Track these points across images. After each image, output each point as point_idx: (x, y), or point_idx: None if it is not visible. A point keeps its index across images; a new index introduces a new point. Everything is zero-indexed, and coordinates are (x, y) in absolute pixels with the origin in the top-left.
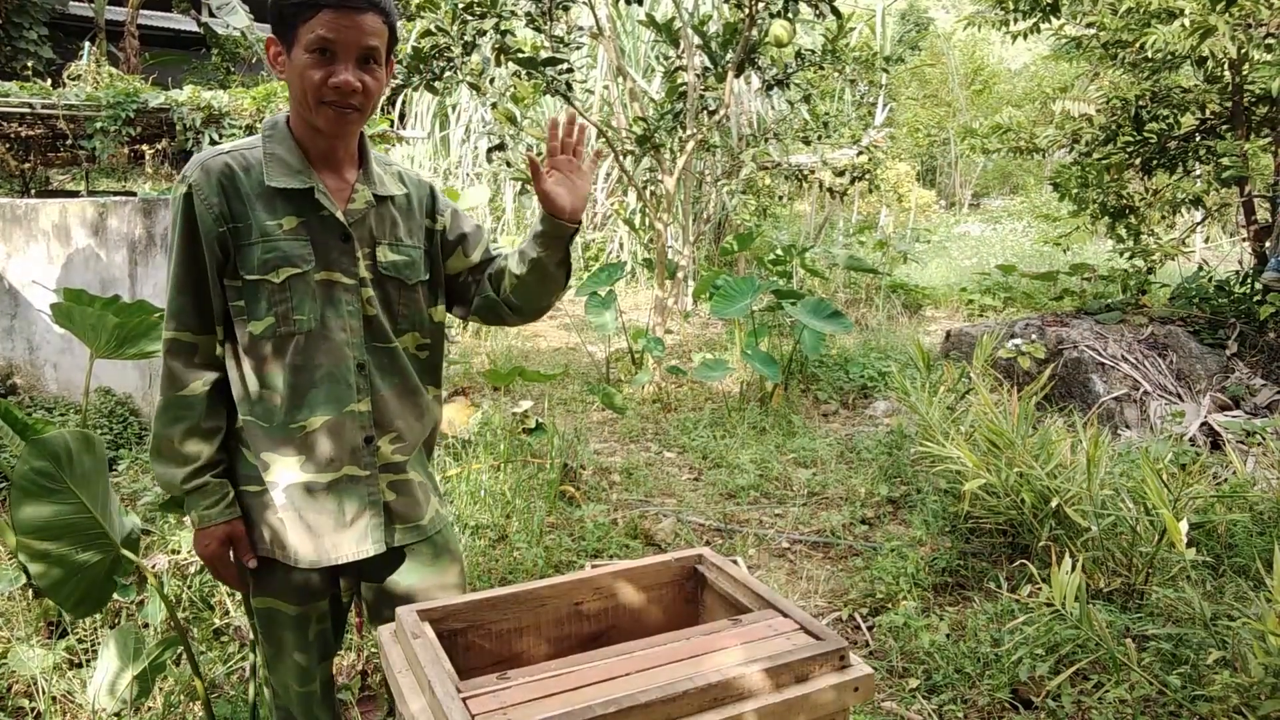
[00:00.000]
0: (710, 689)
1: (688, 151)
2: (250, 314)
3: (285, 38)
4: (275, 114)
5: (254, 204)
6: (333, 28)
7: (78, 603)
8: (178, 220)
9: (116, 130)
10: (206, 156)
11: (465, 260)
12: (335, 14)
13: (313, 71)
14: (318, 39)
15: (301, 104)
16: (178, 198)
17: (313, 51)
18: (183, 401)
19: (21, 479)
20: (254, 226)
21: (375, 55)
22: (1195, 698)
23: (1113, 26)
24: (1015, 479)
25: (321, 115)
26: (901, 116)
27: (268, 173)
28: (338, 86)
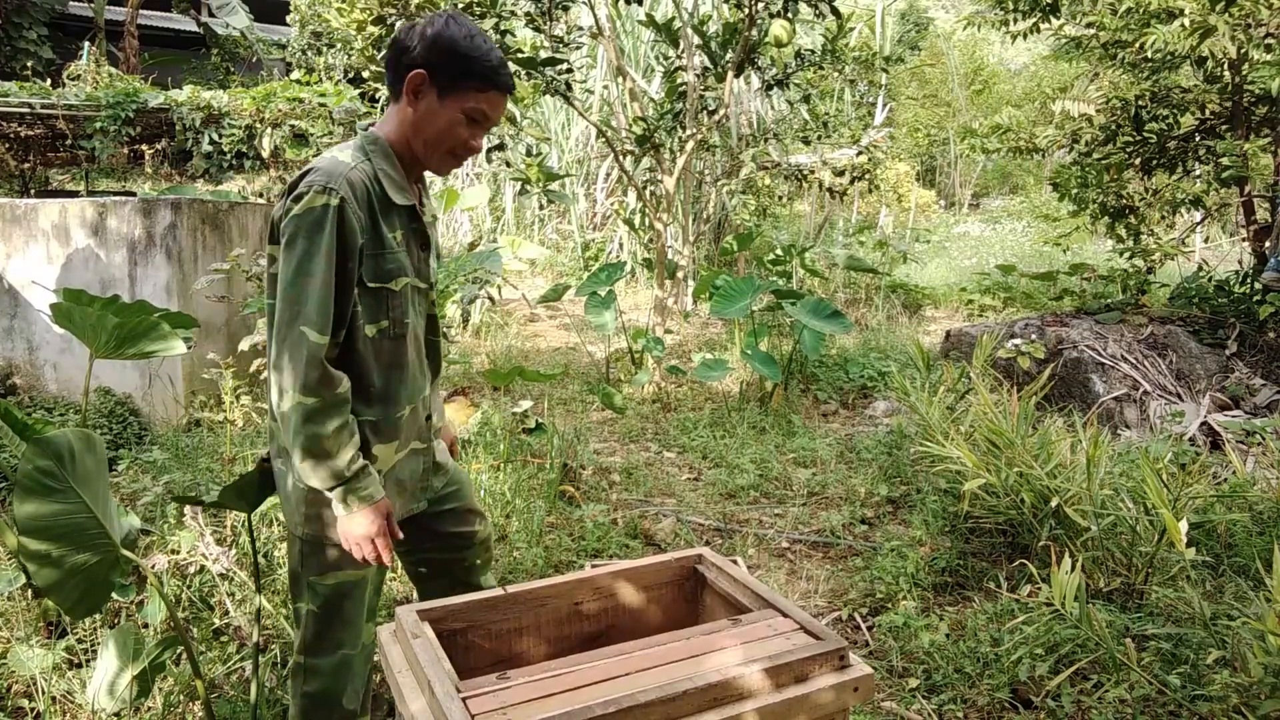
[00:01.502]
0: (710, 689)
1: (687, 151)
2: (369, 318)
3: (447, 87)
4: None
5: (379, 216)
6: (494, 106)
7: (77, 603)
8: (327, 231)
9: (116, 130)
10: (343, 171)
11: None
12: (500, 96)
13: (461, 130)
14: (479, 111)
15: (430, 144)
16: (327, 207)
17: (470, 117)
18: (339, 399)
19: (25, 478)
20: (381, 238)
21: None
22: (1195, 697)
23: (1112, 26)
24: (1015, 479)
25: (443, 162)
26: (901, 116)
27: (387, 188)
28: (470, 149)
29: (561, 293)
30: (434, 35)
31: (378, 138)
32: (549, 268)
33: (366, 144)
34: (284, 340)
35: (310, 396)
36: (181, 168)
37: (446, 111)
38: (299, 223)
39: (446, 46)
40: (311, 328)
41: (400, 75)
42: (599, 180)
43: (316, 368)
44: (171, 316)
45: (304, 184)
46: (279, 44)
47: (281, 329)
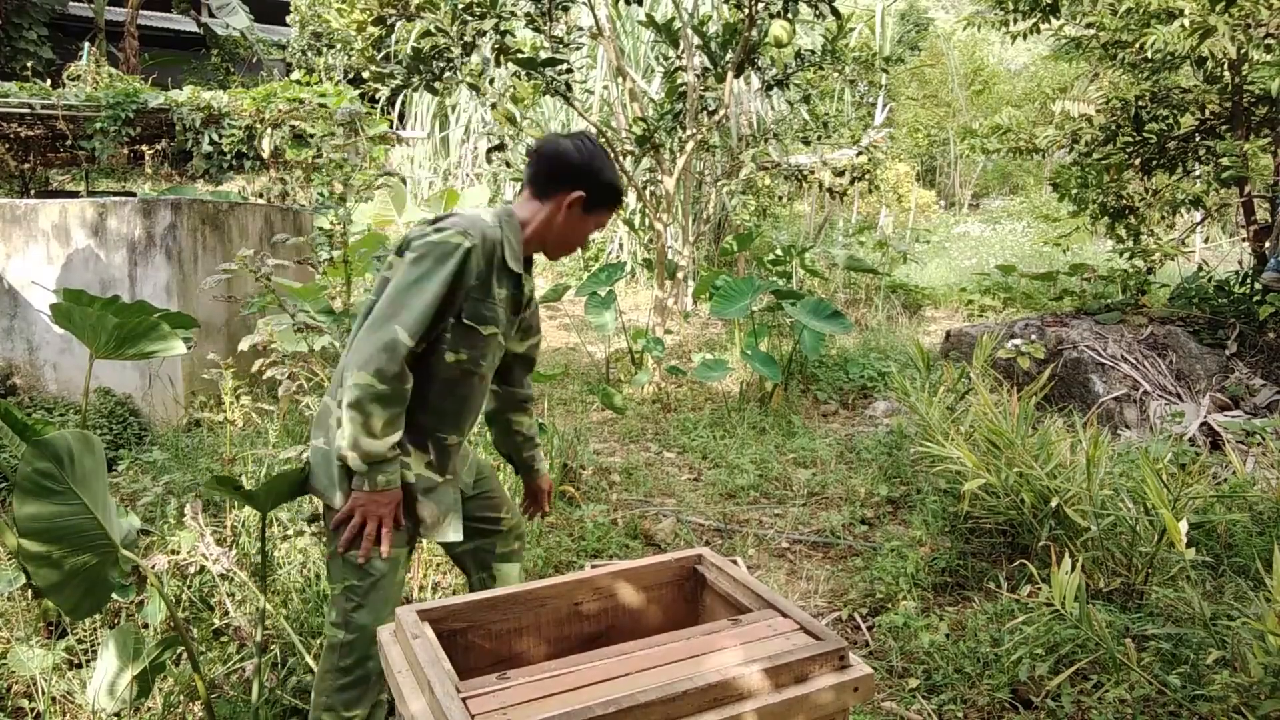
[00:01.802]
0: (710, 689)
1: (687, 152)
2: (452, 347)
3: (593, 206)
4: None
5: (494, 272)
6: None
7: (77, 604)
8: (450, 264)
9: (116, 130)
10: (481, 226)
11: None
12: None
13: (586, 231)
14: (600, 223)
15: (561, 238)
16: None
17: (597, 223)
18: (401, 393)
19: (24, 480)
20: (489, 289)
21: None
22: (1195, 697)
23: (1112, 27)
24: (1015, 479)
25: (561, 250)
26: (901, 117)
27: (507, 255)
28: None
29: (561, 293)
30: (597, 167)
31: (514, 216)
32: (549, 268)
33: (504, 217)
34: (377, 331)
35: (381, 382)
36: (181, 168)
37: (587, 224)
38: (431, 248)
39: (605, 181)
40: (405, 329)
41: (555, 184)
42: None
43: (396, 362)
44: (171, 317)
45: (448, 223)
46: (279, 44)
47: (378, 322)
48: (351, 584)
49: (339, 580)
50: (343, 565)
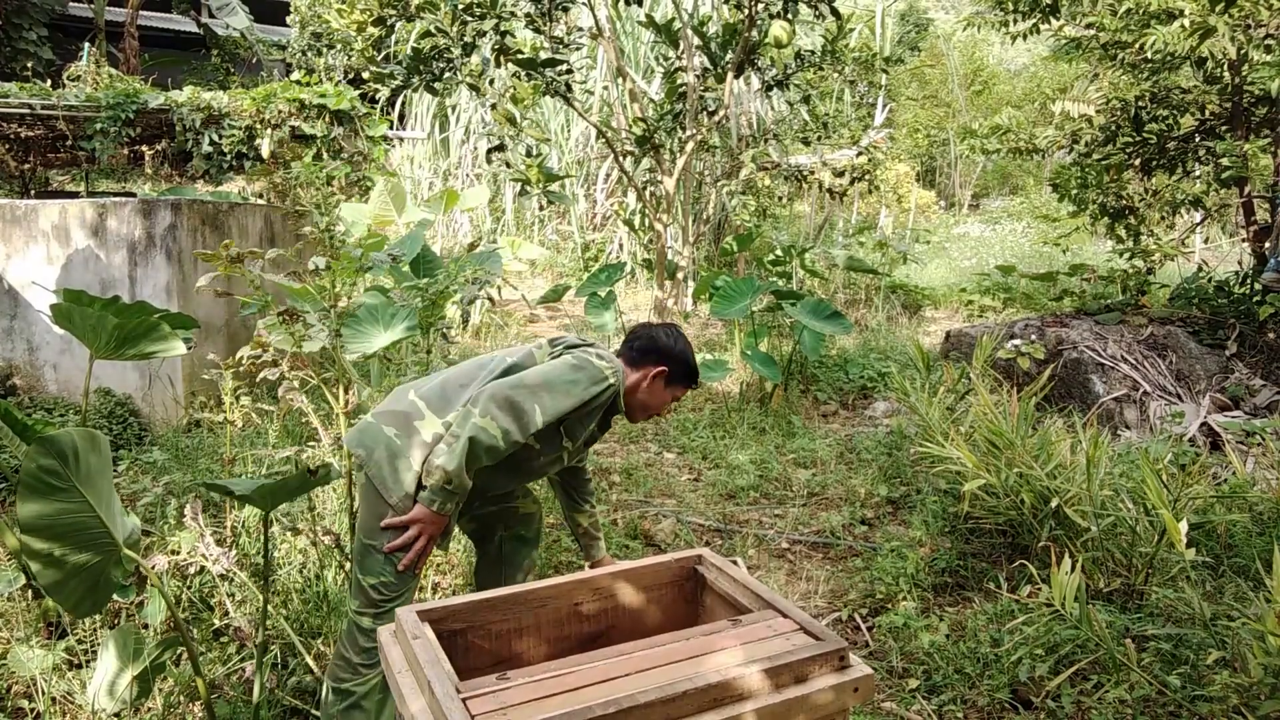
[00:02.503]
0: (710, 689)
1: (687, 152)
2: (538, 440)
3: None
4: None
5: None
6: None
7: (79, 602)
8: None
9: (116, 131)
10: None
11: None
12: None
13: (665, 400)
14: (677, 399)
15: (643, 406)
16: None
17: (675, 397)
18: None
19: (28, 477)
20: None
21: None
22: (1195, 698)
23: (1112, 27)
24: (1015, 479)
25: (642, 415)
26: (901, 117)
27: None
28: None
29: (561, 293)
30: (679, 351)
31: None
32: (549, 268)
33: (618, 379)
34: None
35: (503, 441)
36: (181, 168)
37: (666, 395)
38: (592, 368)
39: (683, 361)
40: (541, 415)
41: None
42: (599, 181)
43: (522, 434)
44: (171, 317)
45: (609, 358)
46: (279, 45)
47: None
48: (387, 580)
49: (375, 574)
50: (383, 561)
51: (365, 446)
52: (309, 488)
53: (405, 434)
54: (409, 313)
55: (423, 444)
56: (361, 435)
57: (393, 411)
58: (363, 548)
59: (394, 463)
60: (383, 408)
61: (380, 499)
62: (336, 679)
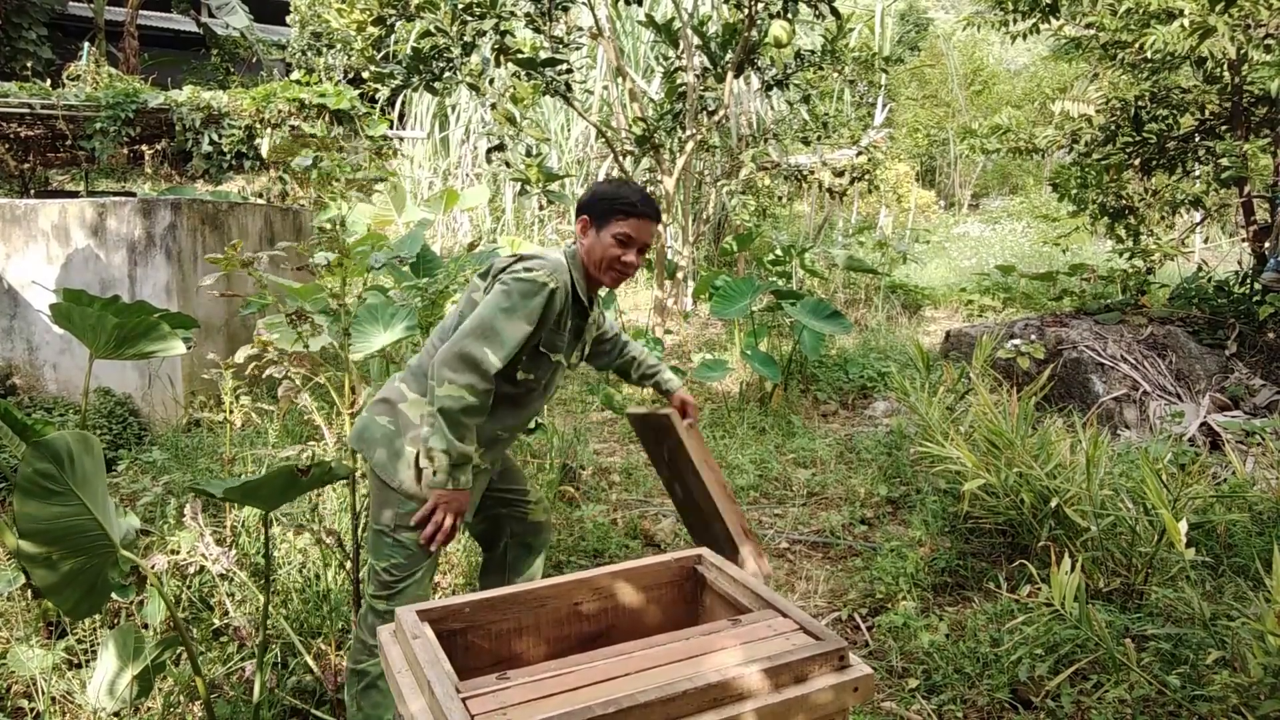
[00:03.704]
0: (709, 689)
1: (687, 152)
2: (525, 369)
3: (599, 221)
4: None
5: (565, 308)
6: (636, 229)
7: (76, 604)
8: (536, 301)
9: (116, 130)
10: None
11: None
12: (642, 220)
13: (613, 250)
14: (624, 234)
15: (596, 265)
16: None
17: (617, 239)
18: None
19: (24, 481)
20: (559, 322)
21: (648, 248)
22: (1195, 698)
23: (1112, 27)
24: (1015, 479)
25: (606, 275)
26: (901, 117)
27: (573, 293)
28: (625, 264)
29: None
30: (594, 191)
31: (575, 254)
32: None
33: (569, 257)
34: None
35: (472, 395)
36: (181, 168)
37: (607, 239)
38: (520, 284)
39: (599, 195)
40: (495, 354)
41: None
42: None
43: (486, 380)
44: (171, 317)
45: (535, 263)
46: (279, 44)
47: (470, 340)
48: (398, 562)
49: (386, 558)
50: (392, 545)
51: (364, 440)
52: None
53: (395, 419)
54: (409, 312)
55: (413, 425)
56: (360, 430)
57: (383, 400)
58: (373, 534)
59: (391, 448)
60: (375, 398)
61: (385, 486)
62: (355, 660)
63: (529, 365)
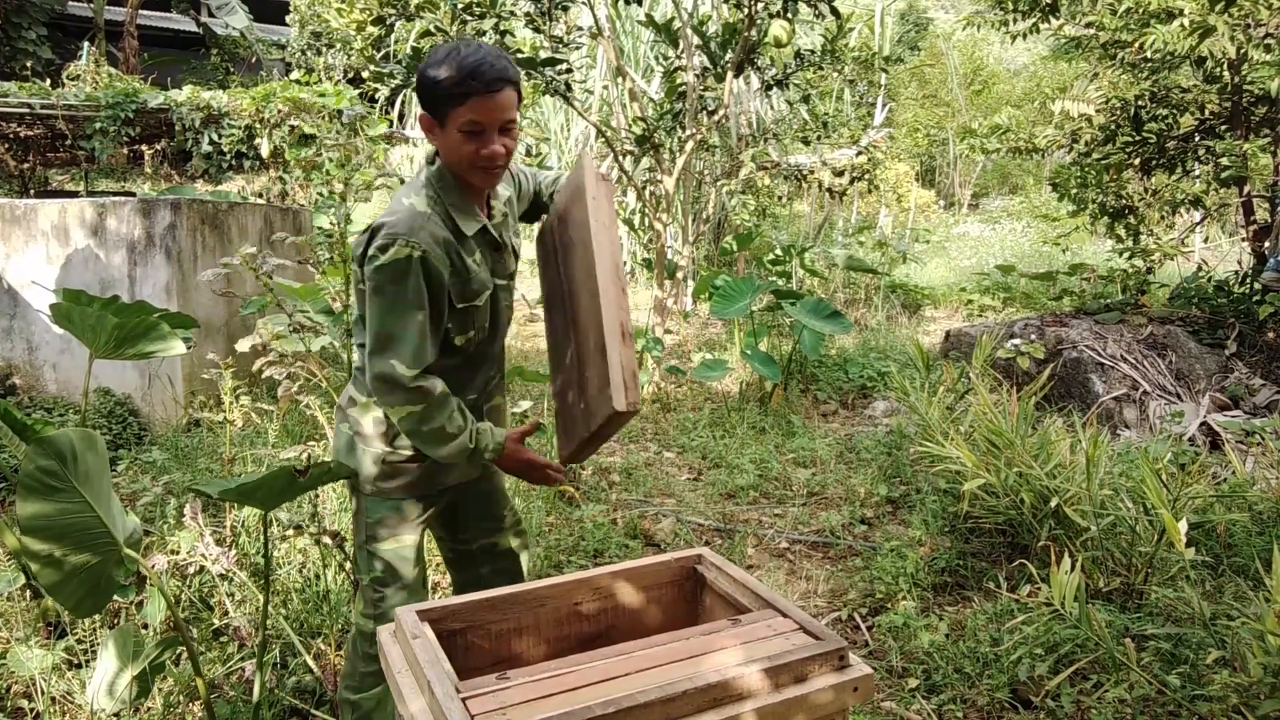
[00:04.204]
0: (709, 689)
1: (687, 151)
2: (460, 330)
3: (438, 117)
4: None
5: (459, 249)
6: (480, 111)
7: (79, 602)
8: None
9: (116, 130)
10: (416, 224)
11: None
12: (481, 99)
13: (466, 146)
14: (469, 122)
15: (459, 168)
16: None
17: (465, 131)
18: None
19: (27, 478)
20: (463, 266)
21: (512, 122)
22: (1195, 697)
23: (1112, 26)
24: (1015, 479)
25: (476, 176)
26: (901, 117)
27: (460, 222)
28: (489, 157)
29: None
30: (417, 80)
31: (442, 174)
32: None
33: (434, 180)
34: (377, 370)
35: (415, 405)
36: (181, 168)
37: (452, 135)
38: (384, 273)
39: (423, 85)
40: (401, 362)
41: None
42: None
43: (408, 391)
44: (171, 317)
45: (385, 234)
46: (278, 44)
47: (375, 358)
48: (377, 575)
49: (366, 572)
50: (368, 557)
51: (337, 451)
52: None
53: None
54: None
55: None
56: (334, 443)
57: (341, 408)
58: (355, 549)
59: (350, 454)
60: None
61: (357, 494)
62: (348, 688)
63: (460, 325)
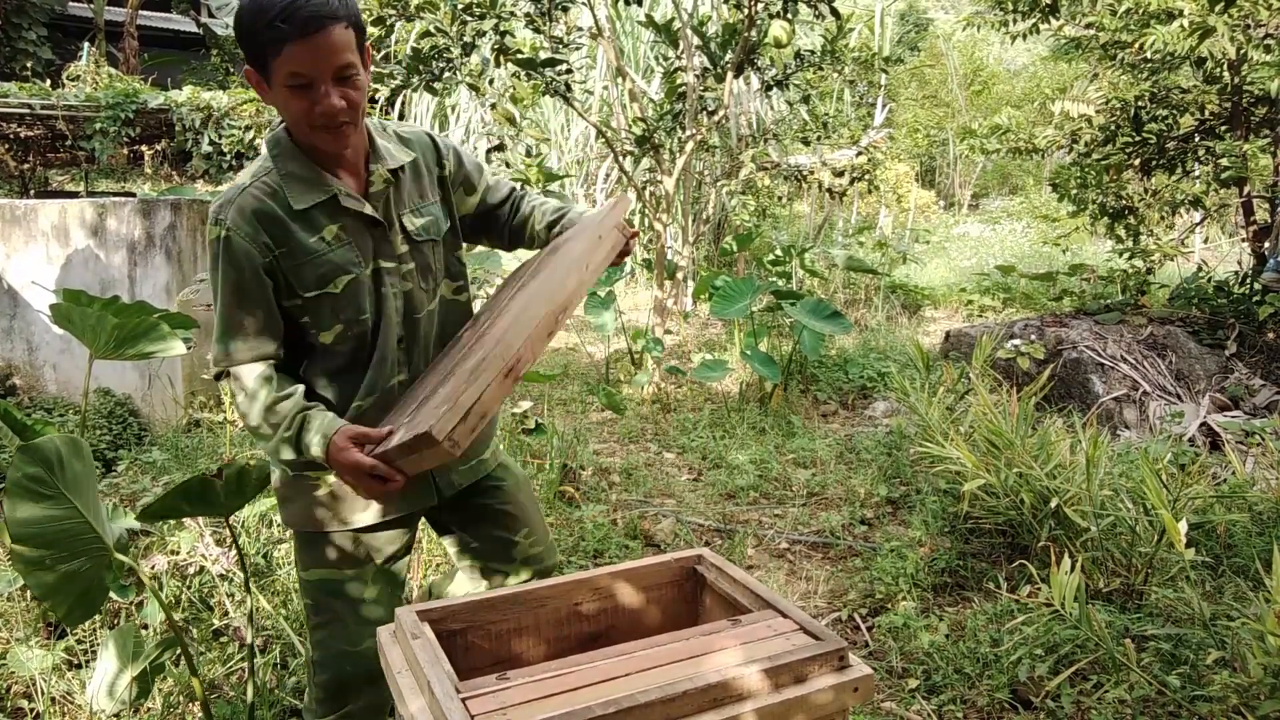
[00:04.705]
0: (709, 689)
1: (687, 152)
2: (319, 326)
3: (261, 70)
4: (275, 130)
5: (291, 226)
6: (302, 60)
7: (71, 609)
8: (222, 264)
9: (116, 131)
10: (232, 195)
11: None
12: (300, 44)
13: (295, 103)
14: (290, 75)
15: (296, 129)
16: (218, 240)
17: (290, 86)
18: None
19: (14, 485)
20: (299, 247)
21: (350, 67)
22: (1195, 698)
23: (1112, 27)
24: (1015, 479)
25: (318, 138)
26: (901, 117)
27: (290, 195)
28: (324, 114)
29: None
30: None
31: (280, 138)
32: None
33: (270, 148)
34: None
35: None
36: (181, 168)
37: (278, 95)
38: (210, 254)
39: (237, 32)
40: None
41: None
42: (599, 181)
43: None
44: (171, 317)
45: (214, 204)
46: None
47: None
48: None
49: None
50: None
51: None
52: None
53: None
54: None
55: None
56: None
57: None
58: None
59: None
60: None
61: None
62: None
63: (318, 318)
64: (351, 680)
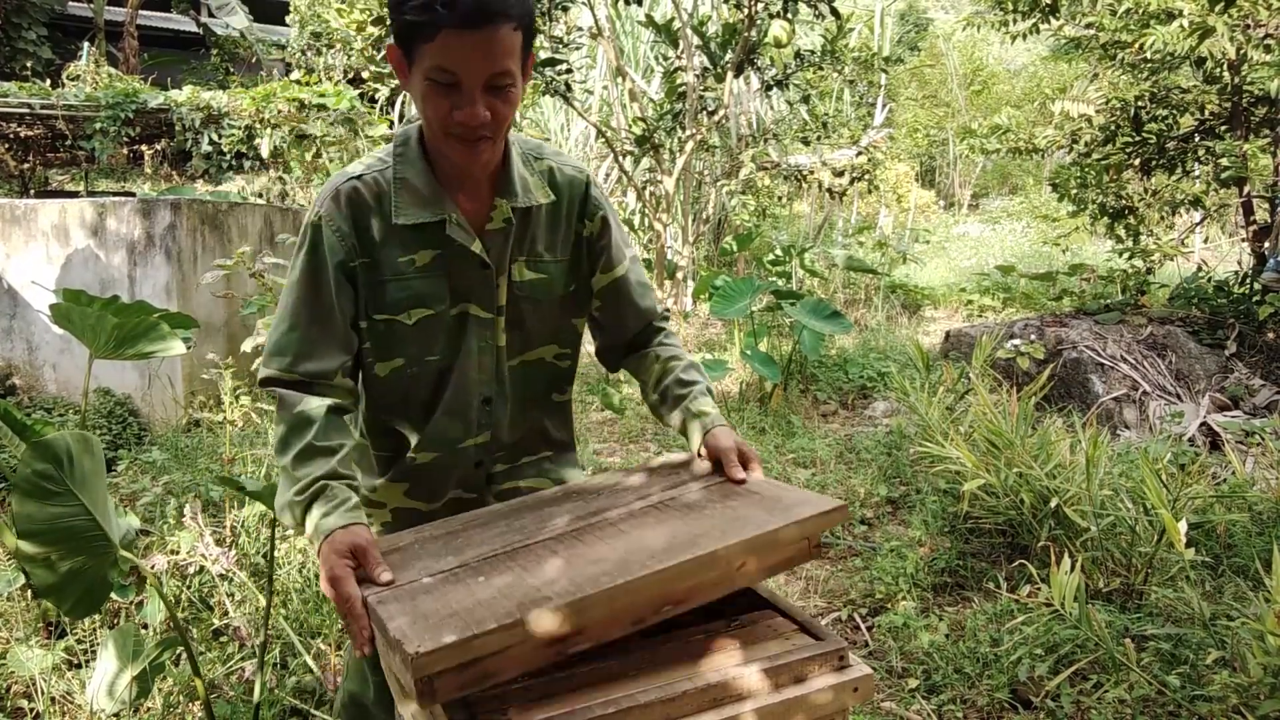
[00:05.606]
0: (709, 689)
1: (687, 152)
2: (377, 355)
3: (407, 51)
4: (409, 126)
5: (386, 237)
6: (455, 56)
7: (75, 605)
8: (304, 253)
9: (116, 131)
10: (338, 181)
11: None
12: (458, 36)
13: (434, 101)
14: (436, 68)
15: (428, 129)
16: (310, 226)
17: (432, 80)
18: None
19: (23, 481)
20: (384, 262)
21: (508, 76)
22: (1194, 698)
23: (1112, 27)
24: (1014, 479)
25: (450, 147)
26: (901, 117)
27: (396, 206)
28: (464, 122)
29: None
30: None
31: (409, 136)
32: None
33: (397, 144)
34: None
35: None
36: (181, 168)
37: (417, 87)
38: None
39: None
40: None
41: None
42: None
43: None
44: (171, 317)
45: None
46: (278, 44)
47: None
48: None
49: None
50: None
51: None
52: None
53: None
54: None
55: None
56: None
57: None
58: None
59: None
60: None
61: None
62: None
63: (380, 348)
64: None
